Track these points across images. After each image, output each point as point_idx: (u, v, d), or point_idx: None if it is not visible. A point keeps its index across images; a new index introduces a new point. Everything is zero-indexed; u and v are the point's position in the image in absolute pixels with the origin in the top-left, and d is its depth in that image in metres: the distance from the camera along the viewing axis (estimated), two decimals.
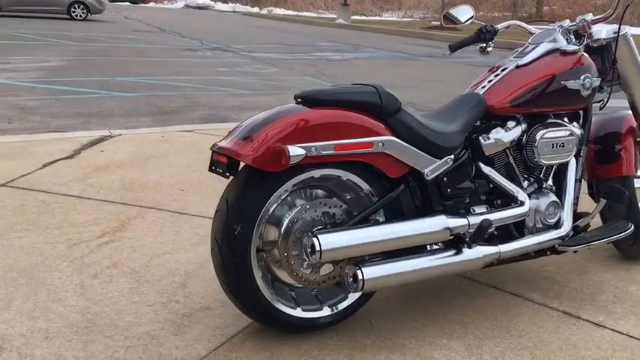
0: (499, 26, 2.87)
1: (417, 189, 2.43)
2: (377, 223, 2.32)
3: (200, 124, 6.42)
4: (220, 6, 37.19)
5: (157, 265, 2.93)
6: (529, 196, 2.67)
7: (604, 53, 2.89)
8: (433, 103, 8.22)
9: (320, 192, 2.34)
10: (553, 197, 2.70)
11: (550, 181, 2.76)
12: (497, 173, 2.61)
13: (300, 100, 2.27)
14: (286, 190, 2.22)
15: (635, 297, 2.81)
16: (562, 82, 2.63)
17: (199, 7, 38.80)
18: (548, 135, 2.61)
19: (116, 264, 2.92)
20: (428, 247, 2.39)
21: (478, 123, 2.64)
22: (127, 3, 39.47)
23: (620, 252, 3.19)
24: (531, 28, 2.92)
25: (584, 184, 2.91)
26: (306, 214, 2.25)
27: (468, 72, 12.31)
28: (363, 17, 32.53)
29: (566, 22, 2.88)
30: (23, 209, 3.57)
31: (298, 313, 2.31)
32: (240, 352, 2.27)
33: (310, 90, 2.28)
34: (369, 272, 2.19)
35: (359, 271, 2.18)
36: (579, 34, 2.85)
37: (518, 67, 2.69)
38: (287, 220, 2.24)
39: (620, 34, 2.84)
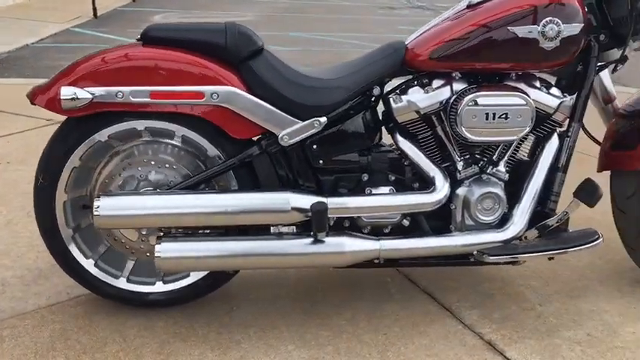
0: None
1: (280, 156, 1.95)
2: (193, 191, 1.90)
3: None
4: None
5: None
6: (461, 182, 2.00)
7: None
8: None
9: (167, 148, 1.98)
10: (492, 188, 1.98)
11: (502, 166, 2.03)
12: (413, 147, 1.98)
13: (138, 38, 1.94)
14: (104, 142, 1.91)
15: (623, 338, 1.99)
16: (510, 29, 1.88)
17: None
18: (480, 101, 1.89)
19: None
20: (272, 229, 1.92)
21: (409, 80, 2.03)
22: None
23: None
24: None
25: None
26: (125, 173, 1.94)
27: None
28: None
29: None
30: None
31: (121, 283, 2.02)
32: (61, 315, 2.07)
33: (149, 26, 1.93)
34: (168, 249, 1.82)
35: (156, 247, 1.82)
36: None
37: (469, 6, 2.00)
38: (103, 177, 1.95)
39: None
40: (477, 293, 2.23)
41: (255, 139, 1.95)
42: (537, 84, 1.98)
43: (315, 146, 1.93)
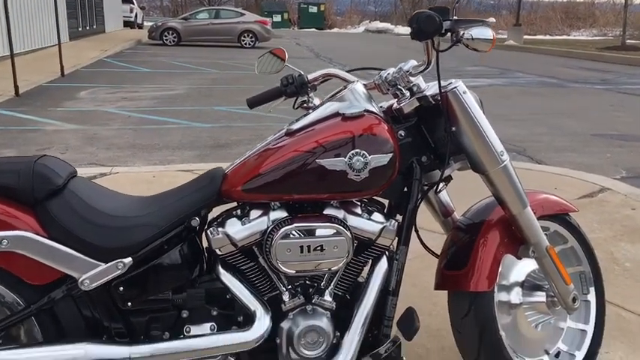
0: (310, 76, 2.15)
1: (86, 300, 1.83)
2: None
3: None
4: (400, 29, 36.84)
5: None
6: (286, 314, 1.91)
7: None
8: (529, 141, 7.10)
9: None
10: (316, 320, 1.90)
11: (328, 295, 1.95)
12: (234, 280, 1.90)
13: None
14: None
15: None
16: (318, 161, 1.84)
17: (378, 31, 38.78)
18: (293, 234, 1.83)
19: None
20: None
21: (230, 209, 1.96)
22: (314, 29, 40.81)
23: None
24: (349, 77, 2.14)
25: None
26: None
27: (617, 102, 10.58)
28: (547, 37, 30.13)
29: (391, 71, 2.06)
30: None
31: None
32: None
33: None
34: None
35: None
36: (410, 88, 2.02)
37: (287, 133, 1.95)
38: None
39: (448, 89, 1.95)
40: None
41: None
42: (358, 210, 1.93)
43: (121, 288, 1.82)
